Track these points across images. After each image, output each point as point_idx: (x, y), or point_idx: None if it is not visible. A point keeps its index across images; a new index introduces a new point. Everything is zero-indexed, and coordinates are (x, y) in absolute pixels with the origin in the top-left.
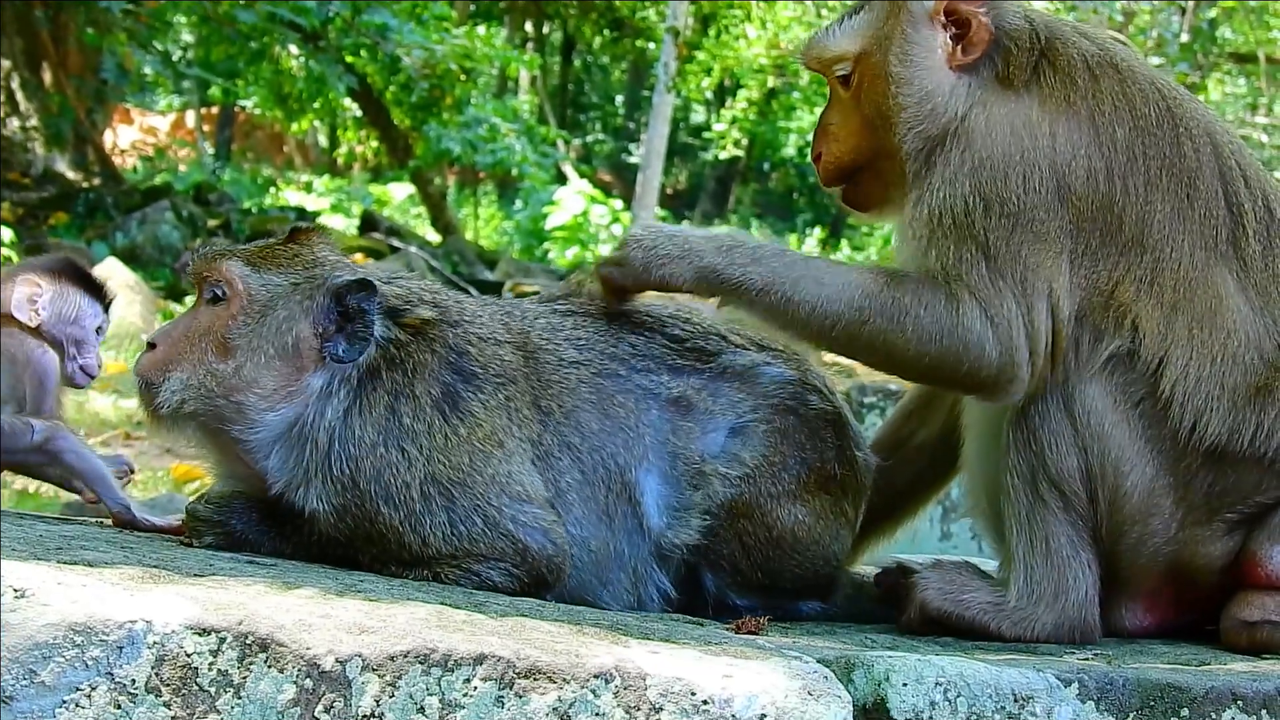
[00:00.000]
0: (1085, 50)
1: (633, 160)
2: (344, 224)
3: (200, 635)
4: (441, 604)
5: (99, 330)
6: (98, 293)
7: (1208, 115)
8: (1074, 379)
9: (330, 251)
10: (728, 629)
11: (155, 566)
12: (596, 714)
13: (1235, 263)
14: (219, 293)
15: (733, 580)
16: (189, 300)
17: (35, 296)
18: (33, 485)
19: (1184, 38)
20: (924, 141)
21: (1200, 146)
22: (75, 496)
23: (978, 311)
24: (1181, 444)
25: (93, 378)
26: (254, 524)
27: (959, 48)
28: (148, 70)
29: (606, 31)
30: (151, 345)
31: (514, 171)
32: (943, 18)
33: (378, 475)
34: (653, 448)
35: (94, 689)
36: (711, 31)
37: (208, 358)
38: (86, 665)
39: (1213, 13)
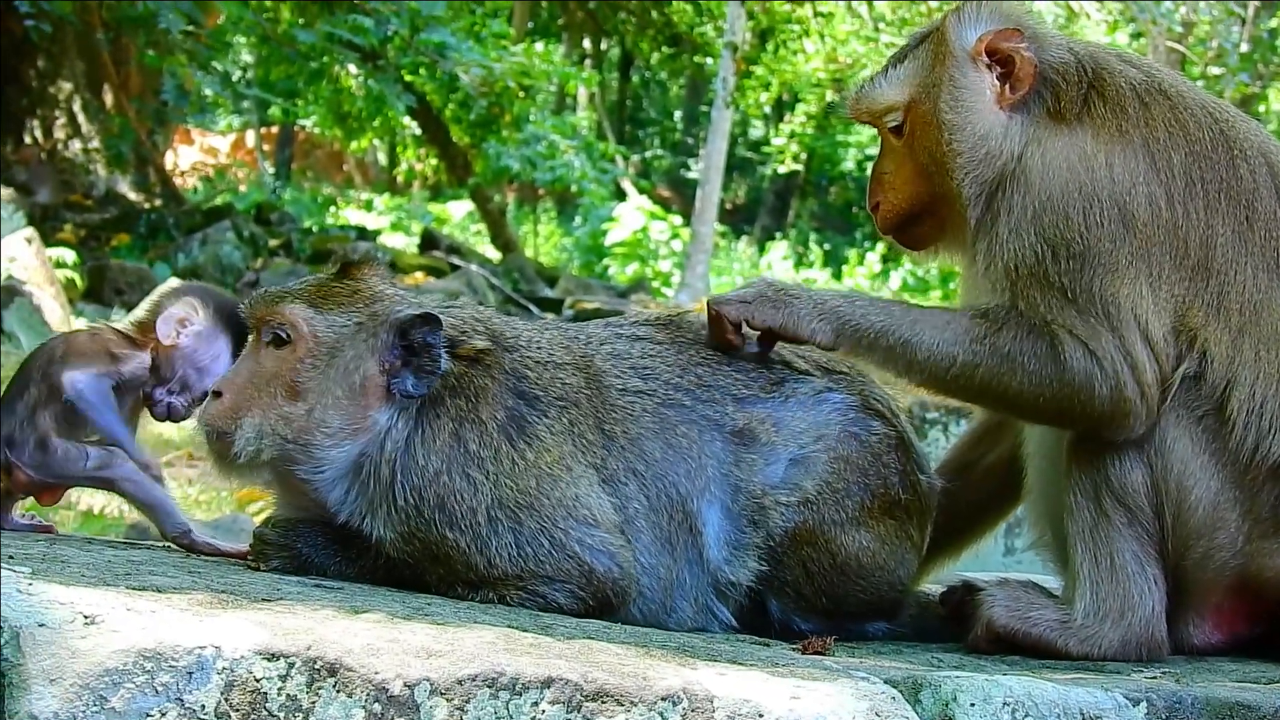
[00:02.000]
0: (1133, 78)
1: (691, 175)
2: (404, 242)
3: (269, 660)
4: (509, 627)
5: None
6: (237, 354)
7: (1261, 135)
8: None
9: (385, 283)
10: (794, 650)
11: (223, 591)
12: None
13: None
14: (283, 335)
15: (797, 606)
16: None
17: (188, 321)
18: (97, 506)
19: (1244, 48)
20: (981, 186)
21: (1256, 168)
22: (141, 517)
23: (1080, 350)
24: (1245, 460)
25: (175, 420)
26: (320, 547)
27: (1006, 86)
28: (207, 91)
29: (664, 47)
30: (217, 394)
31: (573, 188)
32: (985, 58)
33: (442, 502)
34: (715, 479)
35: (164, 715)
36: (770, 46)
37: (277, 402)
38: (156, 691)
39: (1273, 22)
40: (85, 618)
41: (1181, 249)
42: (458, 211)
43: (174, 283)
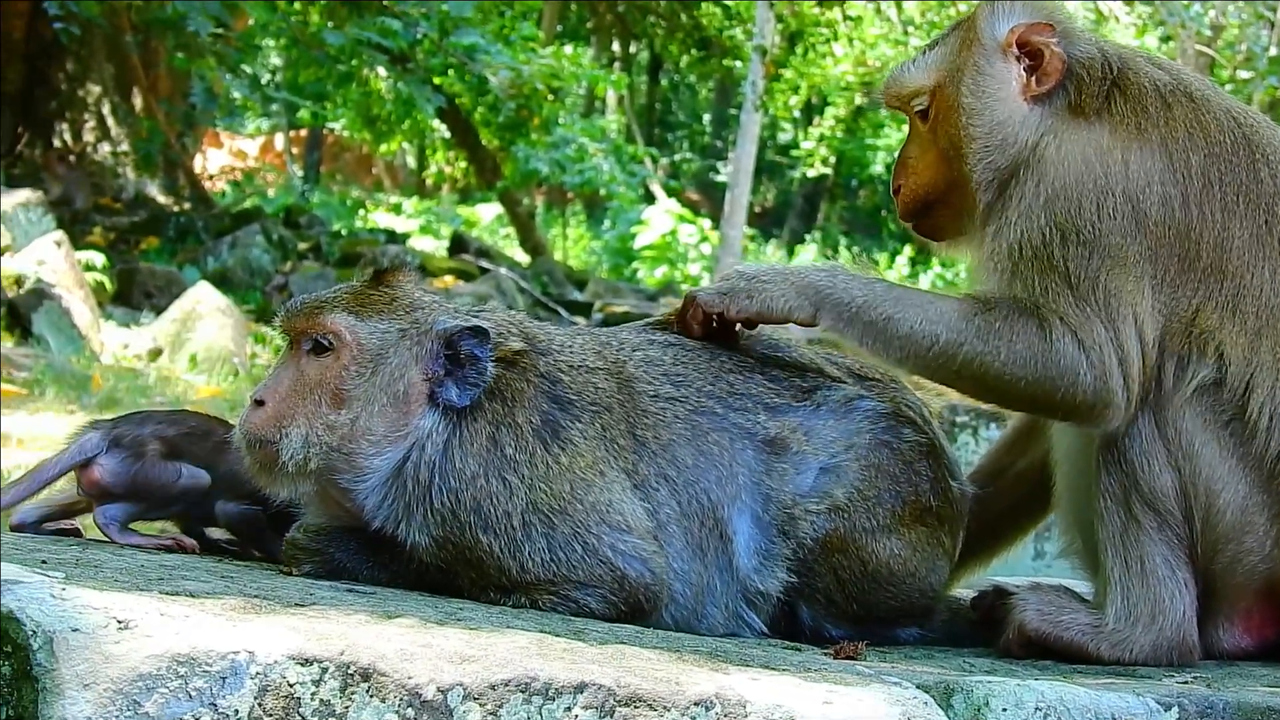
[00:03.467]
0: (1157, 79)
1: (720, 179)
2: (433, 245)
3: (303, 665)
4: (542, 632)
5: None
6: None
7: None
8: (1164, 401)
9: (419, 289)
10: (826, 654)
11: (256, 596)
12: None
13: None
14: (326, 343)
15: (828, 612)
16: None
17: None
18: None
19: (1273, 51)
20: (994, 173)
21: (1278, 172)
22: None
23: (1069, 337)
24: (1271, 463)
25: None
26: (352, 552)
27: (1033, 79)
28: (236, 94)
29: (693, 50)
30: (259, 402)
31: (602, 191)
32: (1015, 50)
33: (477, 506)
34: (746, 488)
35: None
36: (799, 49)
37: (322, 410)
38: (190, 696)
39: None
40: (119, 623)
41: (1193, 252)
42: (487, 214)
43: None
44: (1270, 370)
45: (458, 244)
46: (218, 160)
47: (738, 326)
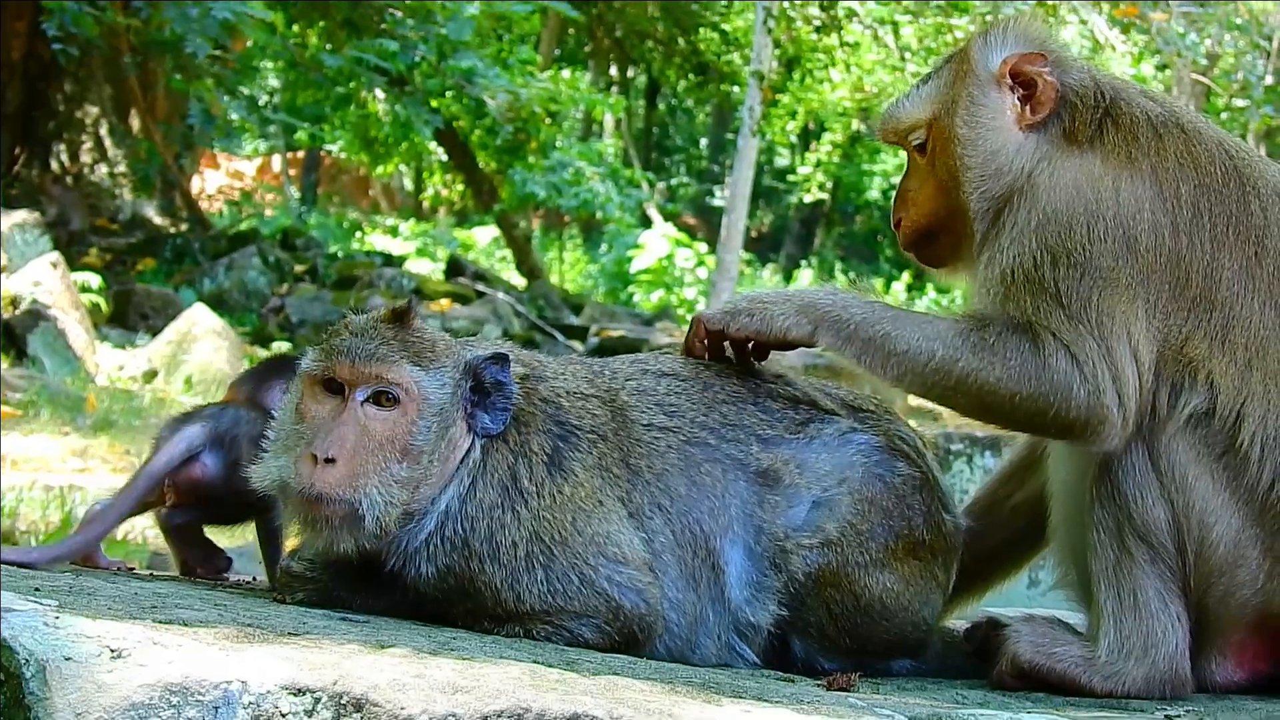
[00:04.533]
0: (1149, 110)
1: (717, 203)
2: (430, 268)
3: (295, 695)
4: (534, 662)
5: None
6: None
7: (1278, 175)
8: (1157, 431)
9: (431, 325)
10: (819, 686)
11: (249, 625)
12: None
13: None
14: (392, 396)
15: (821, 645)
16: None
17: None
18: (120, 533)
19: (1268, 80)
20: (990, 201)
21: (1268, 205)
22: (164, 547)
23: (1063, 353)
24: (1263, 496)
25: None
26: (347, 581)
27: (1027, 108)
28: (234, 115)
29: (691, 75)
30: (329, 460)
31: (599, 214)
32: (1009, 80)
33: (490, 536)
34: (738, 519)
35: None
36: (796, 75)
37: (392, 467)
38: None
39: None
40: (112, 651)
41: (1183, 279)
42: (483, 238)
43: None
44: (1261, 401)
45: (454, 267)
46: (215, 181)
47: (744, 347)
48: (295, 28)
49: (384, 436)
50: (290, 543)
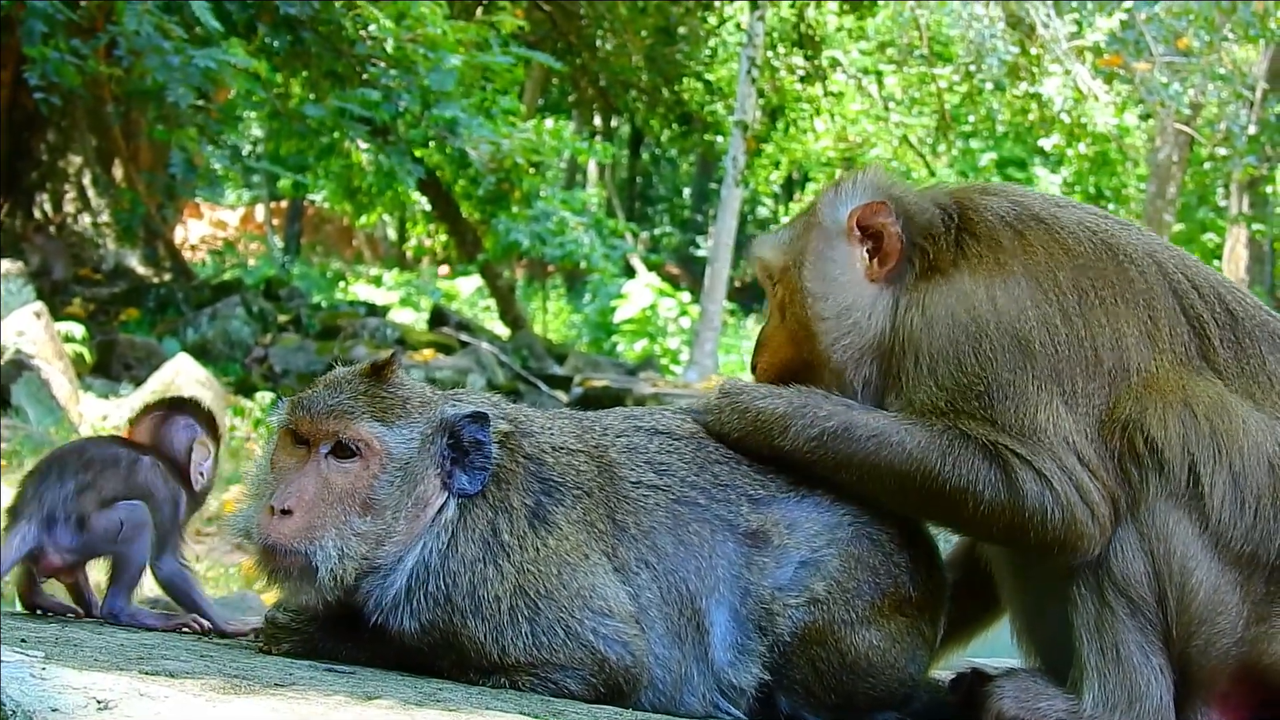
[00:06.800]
0: (1001, 211)
1: (701, 253)
2: (413, 318)
3: None
4: (520, 713)
5: None
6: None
7: (1145, 237)
8: (1135, 495)
9: (412, 378)
10: None
11: (236, 676)
12: None
13: (1211, 374)
14: (352, 449)
15: (806, 703)
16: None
17: (203, 460)
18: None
19: (1251, 130)
20: (858, 352)
21: (1146, 269)
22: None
23: (1030, 474)
24: (1229, 540)
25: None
26: (333, 632)
27: (875, 260)
28: (216, 165)
29: (675, 125)
30: (285, 511)
31: (582, 264)
32: (857, 232)
33: (472, 590)
34: (725, 580)
35: None
36: (780, 125)
37: (351, 520)
38: None
39: None
40: (99, 703)
41: (1093, 359)
42: (466, 287)
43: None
44: (1209, 445)
45: (438, 317)
46: (198, 231)
47: None
48: (279, 77)
49: (344, 489)
50: (272, 594)
